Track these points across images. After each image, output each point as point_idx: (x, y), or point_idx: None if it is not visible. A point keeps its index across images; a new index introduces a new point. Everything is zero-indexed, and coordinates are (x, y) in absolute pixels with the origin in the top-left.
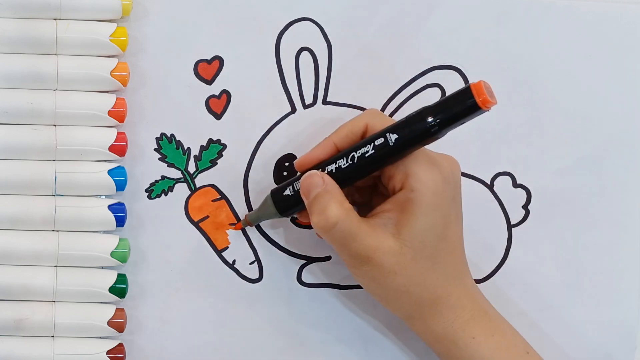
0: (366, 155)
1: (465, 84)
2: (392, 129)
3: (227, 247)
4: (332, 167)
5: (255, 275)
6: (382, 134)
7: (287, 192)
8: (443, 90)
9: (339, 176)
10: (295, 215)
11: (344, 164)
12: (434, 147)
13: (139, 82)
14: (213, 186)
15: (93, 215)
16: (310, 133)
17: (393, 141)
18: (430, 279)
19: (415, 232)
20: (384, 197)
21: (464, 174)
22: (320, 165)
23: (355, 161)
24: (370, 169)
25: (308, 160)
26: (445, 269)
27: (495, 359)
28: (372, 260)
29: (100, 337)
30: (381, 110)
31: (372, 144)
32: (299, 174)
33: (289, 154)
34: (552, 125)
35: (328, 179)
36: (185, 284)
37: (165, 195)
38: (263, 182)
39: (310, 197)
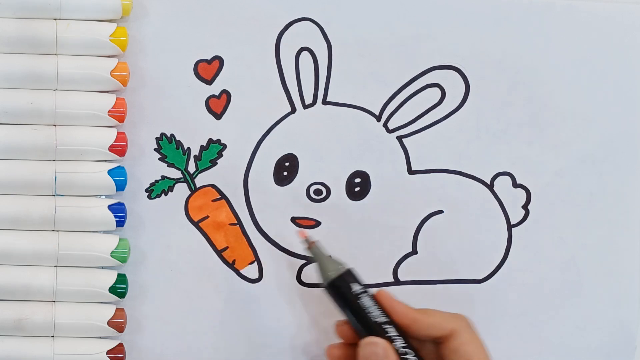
0: None
1: (466, 85)
2: None
3: (227, 247)
4: (405, 350)
5: (255, 275)
6: None
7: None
8: (443, 90)
9: None
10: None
11: None
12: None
13: (139, 82)
14: (213, 186)
15: (93, 215)
16: (310, 133)
17: None
18: None
19: None
20: None
21: (464, 174)
22: (397, 330)
23: None
24: None
25: (390, 301)
26: None
27: None
28: None
29: (100, 337)
30: (381, 110)
31: None
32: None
33: (289, 154)
34: (552, 125)
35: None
36: (185, 284)
37: (165, 195)
38: (263, 182)
39: None
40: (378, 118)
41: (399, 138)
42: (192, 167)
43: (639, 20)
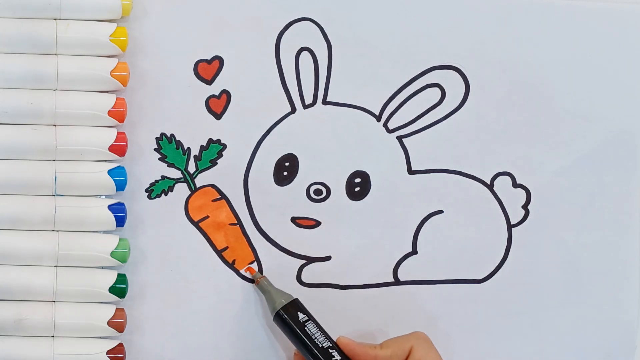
0: None
1: (466, 85)
2: None
3: (227, 247)
4: None
5: None
6: None
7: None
8: (443, 90)
9: None
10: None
11: None
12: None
13: (139, 82)
14: (213, 186)
15: (93, 215)
16: (310, 133)
17: None
18: None
19: None
20: None
21: (464, 174)
22: (342, 354)
23: None
24: None
25: (349, 346)
26: None
27: None
28: None
29: (100, 337)
30: (381, 110)
31: None
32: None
33: (289, 154)
34: (552, 125)
35: None
36: (185, 284)
37: (165, 195)
38: (263, 182)
39: None
40: (378, 118)
41: (399, 138)
42: (192, 167)
43: (639, 20)
